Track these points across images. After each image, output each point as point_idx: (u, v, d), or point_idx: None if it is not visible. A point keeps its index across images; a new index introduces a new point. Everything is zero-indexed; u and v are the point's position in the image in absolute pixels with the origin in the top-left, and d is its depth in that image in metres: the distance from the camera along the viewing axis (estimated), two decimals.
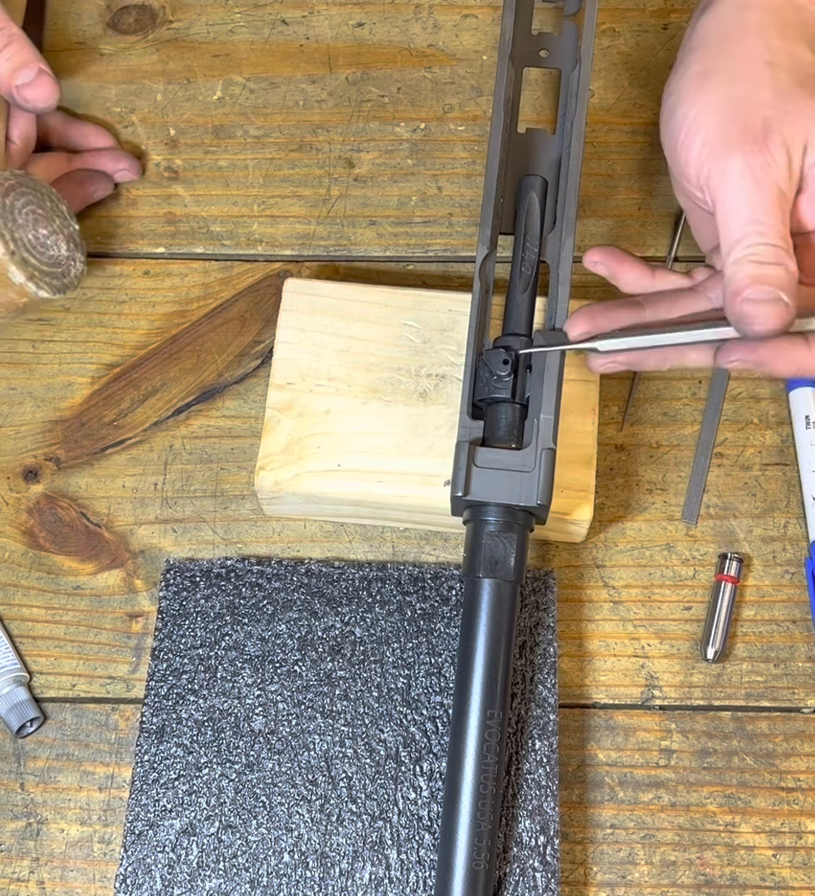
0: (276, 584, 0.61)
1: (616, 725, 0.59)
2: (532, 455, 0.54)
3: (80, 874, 0.57)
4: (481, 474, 0.54)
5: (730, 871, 0.56)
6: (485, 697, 0.54)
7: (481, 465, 0.54)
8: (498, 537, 0.54)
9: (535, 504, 0.54)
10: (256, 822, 0.56)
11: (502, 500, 0.54)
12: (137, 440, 0.65)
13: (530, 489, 0.54)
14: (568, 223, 0.58)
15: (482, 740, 0.53)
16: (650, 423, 0.65)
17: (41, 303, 0.60)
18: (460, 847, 0.53)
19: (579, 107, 0.60)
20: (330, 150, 0.73)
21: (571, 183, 0.59)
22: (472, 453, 0.54)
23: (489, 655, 0.54)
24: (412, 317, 0.63)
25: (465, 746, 0.53)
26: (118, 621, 0.61)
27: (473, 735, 0.53)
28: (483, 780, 0.53)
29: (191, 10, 0.77)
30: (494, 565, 0.54)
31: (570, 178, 0.59)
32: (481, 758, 0.53)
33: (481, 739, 0.53)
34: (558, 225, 0.59)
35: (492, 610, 0.54)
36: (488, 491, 0.54)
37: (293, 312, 0.63)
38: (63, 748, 0.59)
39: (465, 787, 0.53)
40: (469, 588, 0.55)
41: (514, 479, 0.54)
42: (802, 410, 0.64)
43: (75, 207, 0.67)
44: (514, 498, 0.54)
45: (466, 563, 0.55)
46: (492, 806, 0.53)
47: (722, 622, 0.60)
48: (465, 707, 0.54)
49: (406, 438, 0.60)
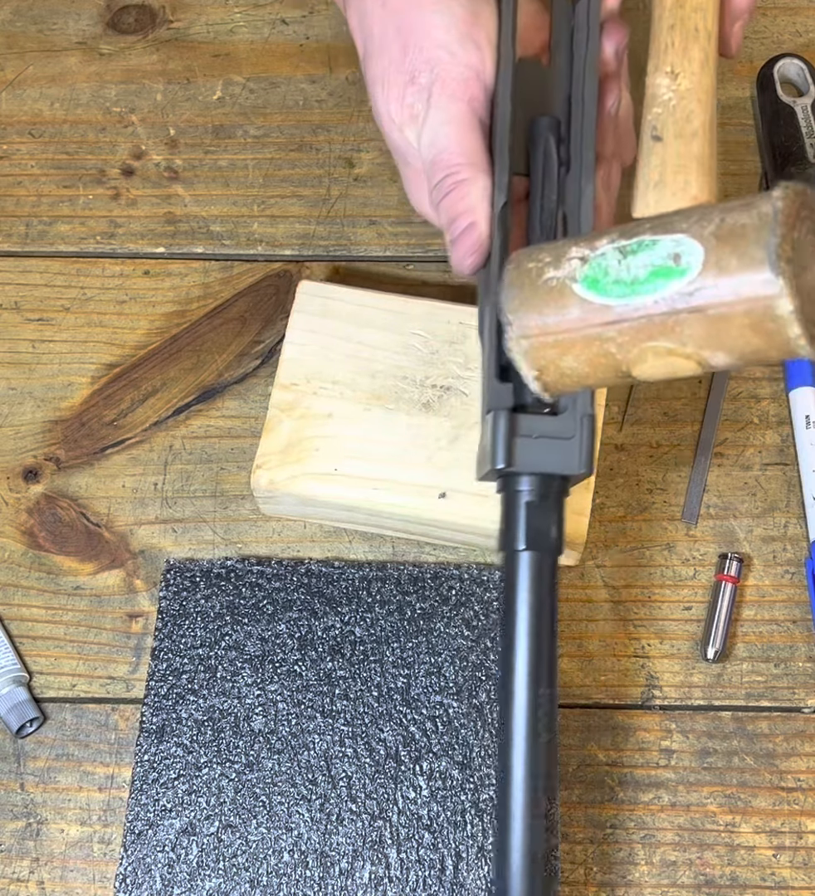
0: (276, 584, 0.61)
1: (616, 725, 0.59)
2: (571, 421, 0.50)
3: (80, 874, 0.57)
4: (521, 443, 0.50)
5: (730, 871, 0.56)
6: (536, 677, 0.50)
7: (521, 433, 0.50)
8: (539, 508, 0.51)
9: (577, 472, 0.50)
10: (256, 822, 0.56)
11: (543, 469, 0.50)
12: (137, 440, 0.65)
13: (570, 457, 0.50)
14: (587, 169, 0.53)
15: (535, 719, 0.50)
16: (650, 423, 0.65)
17: None
18: (519, 833, 0.49)
19: (592, 42, 0.55)
20: (330, 150, 0.73)
21: (587, 123, 0.54)
22: (511, 421, 0.50)
23: (537, 632, 0.50)
24: (422, 327, 0.63)
25: (518, 728, 0.50)
26: (118, 621, 0.61)
27: (525, 715, 0.50)
28: (541, 759, 0.49)
29: (191, 10, 0.77)
30: (536, 537, 0.50)
31: (586, 117, 0.54)
32: (535, 737, 0.49)
33: (535, 718, 0.50)
34: (575, 172, 0.54)
35: (535, 584, 0.50)
36: (527, 460, 0.50)
37: (305, 314, 0.63)
38: (63, 748, 0.59)
39: (521, 770, 0.49)
40: (509, 563, 0.51)
41: (553, 447, 0.50)
42: (802, 410, 0.64)
43: None
44: (555, 466, 0.50)
45: (504, 536, 0.52)
46: (550, 788, 0.50)
47: (722, 622, 0.60)
48: (514, 688, 0.50)
49: (405, 448, 0.60)
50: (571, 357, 0.45)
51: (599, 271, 0.43)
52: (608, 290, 0.43)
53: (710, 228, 0.40)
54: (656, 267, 0.41)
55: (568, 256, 0.44)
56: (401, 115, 0.56)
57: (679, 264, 0.41)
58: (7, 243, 0.71)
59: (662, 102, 0.50)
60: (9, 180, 0.73)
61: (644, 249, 0.42)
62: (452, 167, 0.54)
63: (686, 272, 0.41)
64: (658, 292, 0.41)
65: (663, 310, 0.41)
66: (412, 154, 0.56)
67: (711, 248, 0.40)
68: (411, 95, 0.55)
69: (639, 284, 0.42)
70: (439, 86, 0.54)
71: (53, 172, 0.73)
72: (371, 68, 0.57)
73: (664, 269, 0.41)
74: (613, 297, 0.43)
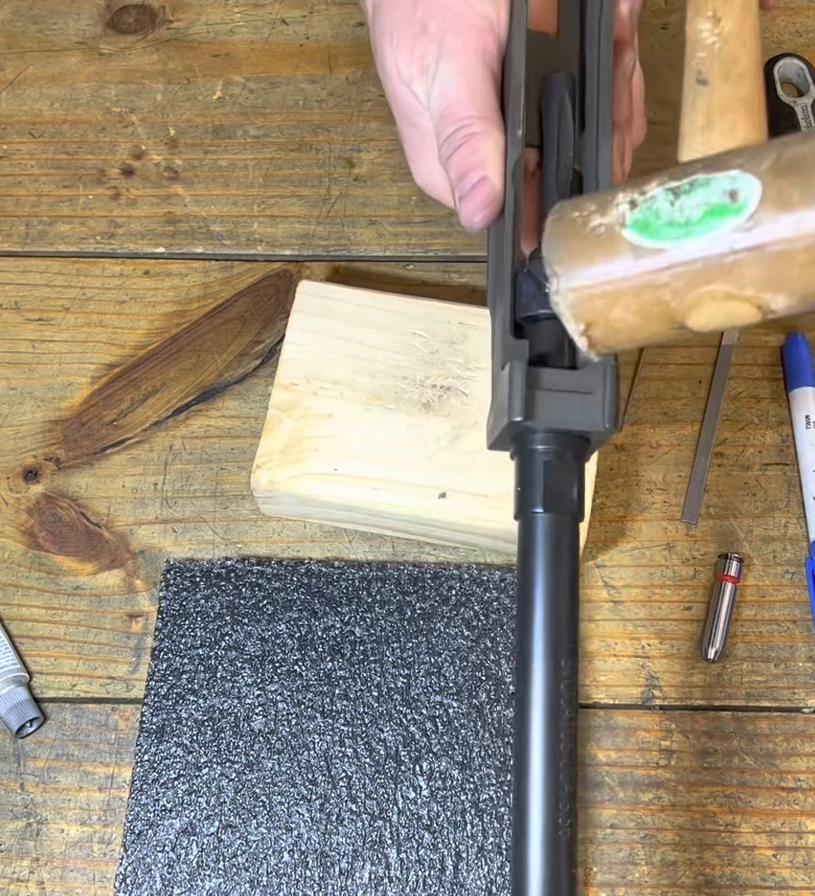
0: (276, 584, 0.61)
1: (616, 725, 0.59)
2: (594, 374, 0.47)
3: (80, 874, 0.57)
4: (540, 396, 0.47)
5: (730, 872, 0.56)
6: (557, 648, 0.46)
7: (540, 386, 0.47)
8: (558, 468, 0.47)
9: (602, 428, 0.47)
10: (256, 822, 0.56)
11: (564, 425, 0.47)
12: (137, 440, 0.65)
13: (593, 413, 0.47)
14: (604, 125, 0.51)
15: (557, 693, 0.45)
16: (650, 423, 0.65)
17: None
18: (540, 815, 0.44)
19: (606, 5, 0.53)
20: (330, 150, 0.73)
21: (604, 80, 0.51)
22: (529, 374, 0.46)
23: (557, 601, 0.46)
24: (422, 327, 0.63)
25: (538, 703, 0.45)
26: (118, 621, 0.61)
27: (546, 690, 0.46)
28: (563, 737, 0.45)
29: (191, 10, 0.77)
30: (556, 498, 0.47)
31: (602, 75, 0.52)
32: (557, 713, 0.45)
33: (557, 693, 0.45)
34: (590, 129, 0.51)
35: (555, 549, 0.46)
36: (547, 416, 0.47)
37: (305, 314, 0.63)
38: (63, 748, 0.59)
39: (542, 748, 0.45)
40: (526, 528, 0.47)
41: (574, 402, 0.47)
42: (802, 410, 0.64)
43: None
44: (577, 423, 0.47)
45: (519, 500, 0.48)
46: (573, 766, 0.45)
47: (722, 622, 0.60)
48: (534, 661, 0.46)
49: (405, 448, 0.60)
50: (621, 308, 0.42)
51: (650, 214, 0.41)
52: (661, 233, 0.40)
53: (767, 163, 0.39)
54: (711, 206, 0.39)
55: (616, 202, 0.42)
56: (410, 69, 0.53)
57: (736, 201, 0.39)
58: (7, 243, 0.71)
59: (706, 47, 0.48)
60: (9, 180, 0.73)
61: (698, 188, 0.40)
62: (463, 120, 0.52)
63: (743, 209, 0.39)
64: (714, 232, 0.39)
65: (720, 250, 0.39)
66: (420, 112, 0.54)
67: (769, 182, 0.38)
68: (422, 46, 0.53)
69: (693, 225, 0.40)
70: (452, 35, 0.52)
71: (53, 172, 0.73)
72: (380, 20, 0.54)
73: (720, 208, 0.39)
74: (666, 240, 0.40)
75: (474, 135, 0.51)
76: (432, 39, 0.52)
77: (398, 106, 0.56)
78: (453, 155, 0.52)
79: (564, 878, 0.44)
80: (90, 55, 0.76)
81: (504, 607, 0.60)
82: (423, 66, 0.53)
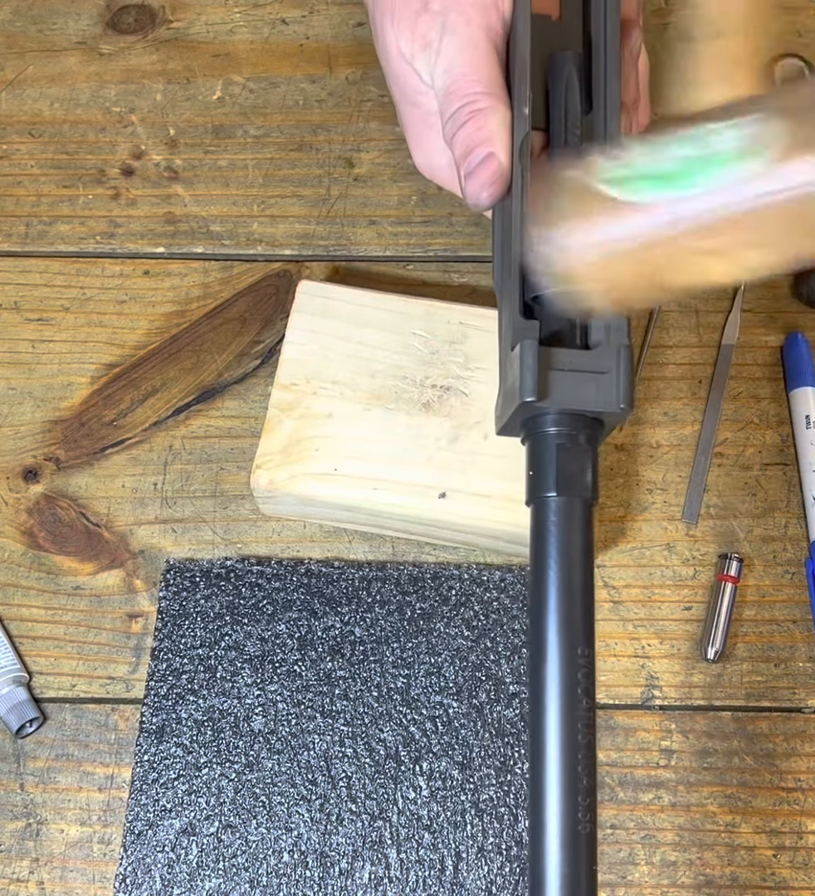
0: (276, 584, 0.61)
1: (616, 725, 0.59)
2: (607, 353, 0.46)
3: (80, 874, 0.57)
4: (553, 376, 0.45)
5: (730, 872, 0.56)
6: (573, 636, 0.44)
7: (552, 366, 0.45)
8: (571, 451, 0.46)
9: (617, 409, 0.46)
10: (256, 822, 0.56)
11: (578, 406, 0.46)
12: (137, 440, 0.65)
13: (607, 393, 0.46)
14: (612, 104, 0.50)
15: (575, 682, 0.44)
16: (650, 423, 0.65)
17: None
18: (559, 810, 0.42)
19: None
20: (330, 150, 0.73)
21: (611, 57, 0.50)
22: (541, 353, 0.45)
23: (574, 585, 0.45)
24: (422, 327, 0.63)
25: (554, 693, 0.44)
26: (118, 621, 0.61)
27: (563, 679, 0.44)
28: (581, 727, 0.43)
29: (191, 10, 0.77)
30: (569, 481, 0.45)
31: (610, 52, 0.51)
32: (575, 702, 0.43)
33: (574, 682, 0.44)
34: (598, 109, 0.50)
35: (569, 533, 0.45)
36: (559, 396, 0.45)
37: (305, 314, 0.63)
38: (63, 748, 0.59)
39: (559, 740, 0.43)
40: (538, 513, 0.46)
41: (588, 382, 0.46)
42: (802, 410, 0.64)
43: None
44: (590, 403, 0.46)
45: (532, 483, 0.47)
46: (592, 759, 0.44)
47: (722, 622, 0.60)
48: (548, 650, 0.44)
49: (405, 448, 0.60)
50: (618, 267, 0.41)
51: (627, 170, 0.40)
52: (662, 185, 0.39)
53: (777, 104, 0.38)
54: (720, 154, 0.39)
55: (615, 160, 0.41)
56: (412, 46, 0.52)
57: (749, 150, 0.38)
58: (7, 243, 0.71)
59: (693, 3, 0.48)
60: (9, 180, 0.73)
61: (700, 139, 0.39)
62: (468, 96, 0.50)
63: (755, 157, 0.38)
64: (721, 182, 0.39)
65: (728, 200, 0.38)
66: (422, 90, 0.53)
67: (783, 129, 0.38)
68: (424, 24, 0.52)
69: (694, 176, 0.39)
70: (455, 12, 0.51)
71: (53, 172, 0.73)
72: (381, 2, 0.54)
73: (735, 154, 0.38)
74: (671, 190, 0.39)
75: (480, 111, 0.50)
76: (435, 17, 0.52)
77: (399, 85, 0.55)
78: (459, 132, 0.51)
79: (584, 877, 0.42)
80: (90, 55, 0.76)
81: (504, 607, 0.60)
82: (425, 43, 0.52)
